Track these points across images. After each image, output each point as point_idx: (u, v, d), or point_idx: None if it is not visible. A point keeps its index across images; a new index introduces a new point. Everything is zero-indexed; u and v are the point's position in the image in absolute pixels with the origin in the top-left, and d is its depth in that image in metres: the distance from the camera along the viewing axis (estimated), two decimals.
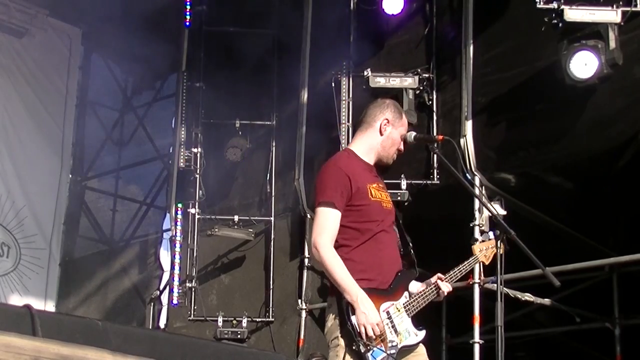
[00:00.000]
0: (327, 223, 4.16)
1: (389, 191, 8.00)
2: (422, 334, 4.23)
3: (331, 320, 4.17)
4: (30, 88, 10.80)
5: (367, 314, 4.01)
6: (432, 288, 4.31)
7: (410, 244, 4.44)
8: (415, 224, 7.98)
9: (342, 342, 4.06)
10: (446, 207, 8.08)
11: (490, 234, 4.52)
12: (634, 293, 7.94)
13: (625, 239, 8.53)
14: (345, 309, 4.06)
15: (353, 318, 4.03)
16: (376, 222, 4.26)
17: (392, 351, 4.07)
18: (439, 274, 4.36)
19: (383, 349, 4.04)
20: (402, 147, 4.47)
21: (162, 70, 11.30)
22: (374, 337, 4.02)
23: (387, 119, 4.39)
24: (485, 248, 4.49)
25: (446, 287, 4.32)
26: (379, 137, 4.39)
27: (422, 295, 4.26)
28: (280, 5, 9.88)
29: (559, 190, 8.07)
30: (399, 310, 4.17)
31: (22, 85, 10.71)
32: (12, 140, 10.57)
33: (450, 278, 4.36)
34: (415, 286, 4.35)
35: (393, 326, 4.13)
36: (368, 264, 4.19)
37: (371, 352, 4.01)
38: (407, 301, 4.22)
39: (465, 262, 4.46)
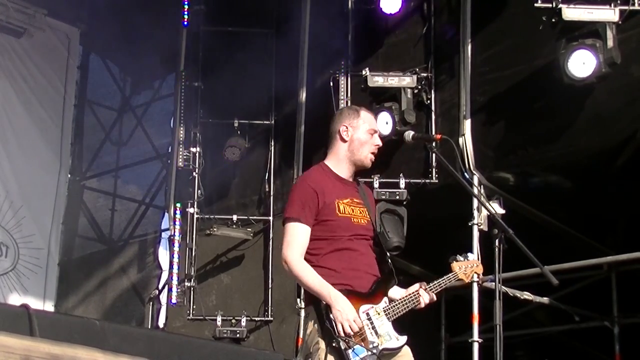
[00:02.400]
0: (294, 238, 4.23)
1: (388, 190, 8.10)
2: (403, 339, 4.24)
3: (310, 327, 4.23)
4: (29, 88, 10.80)
5: (342, 310, 4.05)
6: (413, 295, 4.31)
7: (388, 254, 4.44)
8: (414, 223, 8.04)
9: (321, 344, 4.09)
10: (445, 206, 8.07)
11: (470, 255, 4.56)
12: (633, 292, 7.94)
13: (624, 237, 8.53)
14: (323, 310, 4.10)
15: (332, 316, 4.06)
16: (343, 236, 4.28)
17: (374, 351, 4.08)
18: (422, 283, 4.37)
19: (364, 347, 4.04)
20: (377, 141, 4.46)
21: (160, 69, 11.30)
22: (351, 333, 4.03)
23: (344, 125, 4.43)
24: (465, 267, 4.50)
25: (427, 297, 4.31)
26: (343, 145, 4.42)
27: (403, 302, 4.27)
28: (279, 4, 9.87)
29: (557, 189, 8.07)
30: (378, 314, 4.19)
31: (20, 85, 10.71)
32: (10, 140, 10.57)
33: (431, 289, 4.36)
34: (397, 292, 4.35)
35: (373, 328, 4.14)
36: (340, 269, 4.22)
37: (352, 349, 4.02)
38: (387, 306, 4.24)
39: (445, 277, 4.45)
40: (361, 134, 4.42)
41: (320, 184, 4.30)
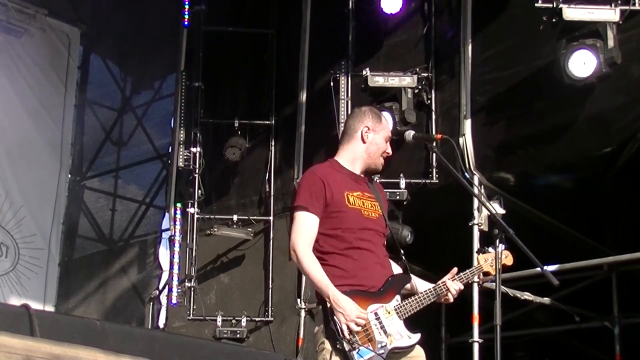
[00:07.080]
0: (303, 226, 4.21)
1: (388, 190, 8.11)
2: (416, 336, 4.22)
3: (317, 327, 4.21)
4: (29, 88, 10.79)
5: (344, 312, 4.02)
6: (436, 288, 4.29)
7: (402, 250, 4.43)
8: (415, 224, 8.03)
9: (327, 344, 4.07)
10: (445, 206, 8.07)
11: (500, 246, 4.51)
12: (633, 292, 7.94)
13: (624, 237, 8.53)
14: (329, 311, 4.08)
15: (335, 317, 4.05)
16: (352, 229, 4.26)
17: (381, 352, 4.06)
18: (454, 271, 4.34)
19: (371, 348, 4.03)
20: (389, 150, 4.48)
21: (160, 70, 11.31)
22: (356, 331, 4.01)
23: (367, 127, 4.42)
24: (491, 259, 4.47)
25: (456, 286, 4.29)
26: (362, 146, 4.42)
27: (419, 298, 4.25)
28: (279, 4, 9.87)
29: (557, 189, 8.07)
30: (389, 313, 4.16)
31: (20, 85, 10.70)
32: (10, 140, 10.56)
33: (460, 280, 4.35)
34: (422, 285, 4.34)
35: (382, 327, 4.12)
36: (350, 269, 4.19)
37: (357, 351, 4.00)
38: (399, 304, 4.22)
39: (469, 270, 4.42)
40: (380, 139, 4.43)
41: (328, 177, 4.30)
